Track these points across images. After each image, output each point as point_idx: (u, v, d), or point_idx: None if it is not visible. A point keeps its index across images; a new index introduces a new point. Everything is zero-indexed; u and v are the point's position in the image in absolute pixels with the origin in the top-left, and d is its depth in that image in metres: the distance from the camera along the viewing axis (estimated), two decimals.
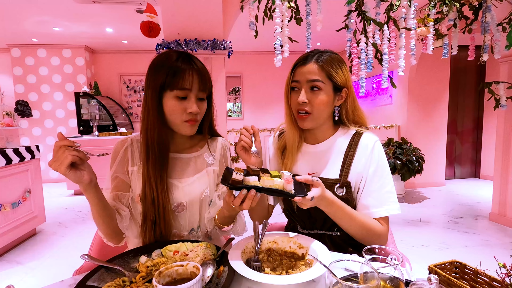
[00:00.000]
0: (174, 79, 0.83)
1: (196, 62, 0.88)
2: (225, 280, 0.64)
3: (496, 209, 3.05)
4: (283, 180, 0.74)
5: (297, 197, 0.71)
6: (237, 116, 6.46)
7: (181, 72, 0.83)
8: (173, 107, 0.85)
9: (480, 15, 2.08)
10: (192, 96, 0.86)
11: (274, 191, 0.73)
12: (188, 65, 0.85)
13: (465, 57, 2.69)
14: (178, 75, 0.83)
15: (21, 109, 5.12)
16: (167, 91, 0.84)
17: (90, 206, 0.81)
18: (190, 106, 0.85)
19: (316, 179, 0.77)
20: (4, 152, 2.45)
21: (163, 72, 0.84)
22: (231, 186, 0.71)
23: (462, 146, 5.02)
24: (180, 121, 0.86)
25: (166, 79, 0.83)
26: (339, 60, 0.93)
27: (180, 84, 0.83)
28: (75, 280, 0.67)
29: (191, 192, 0.92)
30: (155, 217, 0.86)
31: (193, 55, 0.90)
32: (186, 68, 0.84)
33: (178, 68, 0.83)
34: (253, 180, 0.73)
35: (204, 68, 0.90)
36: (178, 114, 0.85)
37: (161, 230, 0.86)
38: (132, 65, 5.85)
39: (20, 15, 3.91)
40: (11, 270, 2.27)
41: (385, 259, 0.57)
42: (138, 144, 0.94)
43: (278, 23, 1.83)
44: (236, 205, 0.73)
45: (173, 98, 0.84)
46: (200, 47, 2.74)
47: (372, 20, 1.79)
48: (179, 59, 0.85)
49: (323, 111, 0.93)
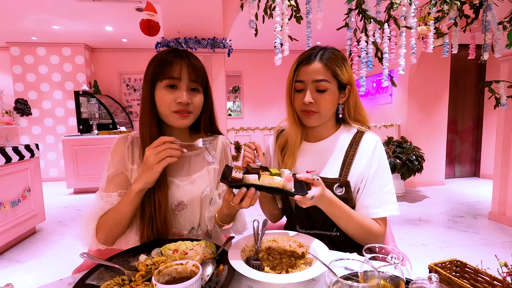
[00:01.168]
0: (162, 69, 0.84)
1: (189, 56, 0.89)
2: (224, 279, 0.64)
3: (496, 208, 3.05)
4: (283, 178, 0.74)
5: (297, 196, 0.71)
6: (237, 115, 6.45)
7: (169, 62, 0.84)
8: (163, 97, 0.85)
9: (481, 14, 2.08)
10: (183, 86, 0.85)
11: (274, 190, 0.73)
12: (178, 57, 0.86)
13: (466, 56, 2.68)
14: (166, 64, 0.84)
15: (21, 108, 5.11)
16: (158, 81, 0.85)
17: (125, 209, 0.80)
18: (180, 96, 0.84)
19: (316, 178, 0.77)
20: (4, 151, 2.45)
21: (154, 64, 0.86)
22: (230, 184, 0.71)
23: (462, 145, 5.02)
24: (169, 111, 0.85)
25: (155, 69, 0.85)
26: (342, 57, 0.92)
27: (168, 73, 0.84)
28: (74, 279, 0.66)
29: (192, 191, 0.92)
30: (152, 214, 0.85)
31: (188, 51, 0.91)
32: (175, 59, 0.85)
33: (167, 59, 0.85)
34: (253, 178, 0.73)
35: (198, 61, 0.90)
36: (167, 104, 0.85)
37: (158, 227, 0.85)
38: (131, 63, 5.84)
39: (20, 13, 3.90)
40: (11, 269, 2.27)
41: (385, 258, 0.56)
42: (138, 142, 0.93)
43: (278, 22, 1.82)
44: (236, 204, 0.73)
45: (163, 88, 0.85)
46: (199, 46, 2.73)
47: (373, 19, 1.78)
48: (170, 52, 0.87)
49: (330, 110, 0.93)
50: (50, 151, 5.48)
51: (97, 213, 0.83)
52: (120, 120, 5.62)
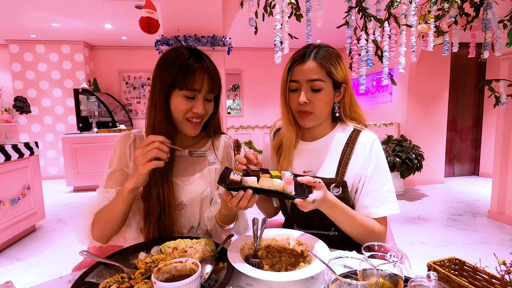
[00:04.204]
0: (184, 79, 0.81)
1: (207, 61, 0.87)
2: (224, 277, 0.64)
3: (495, 206, 3.05)
4: (283, 181, 0.73)
5: (297, 199, 0.70)
6: (236, 113, 6.45)
7: (191, 71, 0.82)
8: (180, 106, 0.84)
9: (481, 12, 2.07)
10: (200, 97, 0.85)
11: (273, 192, 0.71)
12: (199, 64, 0.84)
13: (466, 54, 2.68)
14: (188, 74, 0.81)
15: (20, 106, 5.10)
16: (176, 89, 0.83)
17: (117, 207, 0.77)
18: (197, 107, 0.84)
19: (318, 181, 0.75)
20: (3, 149, 2.44)
21: (173, 69, 0.82)
22: (228, 187, 0.70)
23: (462, 143, 5.02)
24: (183, 118, 0.85)
25: (176, 77, 0.82)
26: (336, 55, 0.90)
27: (190, 85, 0.82)
28: (74, 276, 0.66)
29: (192, 191, 0.92)
30: (160, 215, 0.85)
31: (206, 55, 0.89)
32: (197, 67, 0.83)
33: (189, 67, 0.82)
34: (252, 180, 0.71)
35: (215, 67, 0.88)
36: (182, 112, 0.84)
37: (165, 228, 0.86)
38: (131, 61, 5.82)
39: (19, 10, 3.88)
40: (11, 266, 2.27)
41: (384, 256, 0.56)
42: (140, 140, 0.93)
43: (278, 20, 1.82)
44: (233, 205, 0.72)
45: (181, 97, 0.83)
46: (199, 43, 2.73)
47: (373, 17, 1.78)
48: (191, 57, 0.84)
49: (325, 110, 0.91)
50: (50, 149, 5.47)
51: (94, 208, 0.82)
52: (120, 118, 5.61)
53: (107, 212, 0.80)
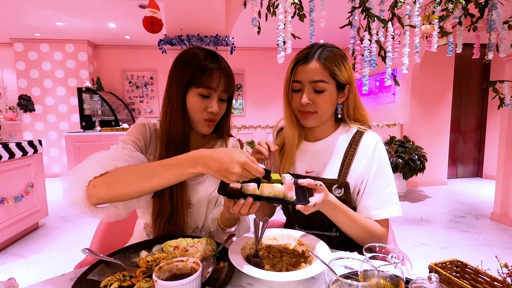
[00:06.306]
0: (201, 77, 0.83)
1: (223, 61, 0.88)
2: (224, 276, 0.64)
3: (498, 208, 3.03)
4: (284, 186, 0.72)
5: (298, 205, 0.70)
6: (239, 112, 6.45)
7: (209, 70, 0.83)
8: (195, 104, 0.85)
9: (486, 13, 2.05)
10: (215, 96, 0.86)
11: (274, 199, 0.71)
12: (217, 64, 0.85)
13: (470, 55, 2.66)
14: (206, 73, 0.83)
15: (24, 104, 5.13)
16: (193, 87, 0.84)
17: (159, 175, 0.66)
18: (212, 105, 0.85)
19: (319, 184, 0.75)
20: (7, 146, 2.46)
21: (191, 68, 0.84)
22: (228, 195, 0.70)
23: (465, 145, 4.99)
24: (200, 118, 0.87)
25: (194, 75, 0.83)
26: (341, 55, 0.89)
27: (207, 83, 0.83)
28: (76, 274, 0.67)
29: (200, 192, 0.92)
30: (171, 214, 0.85)
31: (219, 54, 0.90)
32: (214, 67, 0.84)
33: (207, 67, 0.83)
34: (252, 187, 0.71)
35: (230, 68, 0.90)
36: (199, 111, 0.85)
37: (177, 226, 0.86)
38: (134, 60, 5.84)
39: (23, 9, 3.91)
40: (14, 264, 2.29)
41: (385, 257, 0.56)
42: (156, 134, 0.93)
43: (281, 20, 1.81)
44: (235, 212, 0.72)
45: (196, 95, 0.85)
46: (202, 43, 2.73)
47: (376, 17, 1.77)
48: (207, 57, 0.85)
49: (328, 111, 0.90)
50: (53, 147, 5.50)
51: (105, 160, 0.72)
52: (123, 117, 5.64)
53: (140, 172, 0.68)
